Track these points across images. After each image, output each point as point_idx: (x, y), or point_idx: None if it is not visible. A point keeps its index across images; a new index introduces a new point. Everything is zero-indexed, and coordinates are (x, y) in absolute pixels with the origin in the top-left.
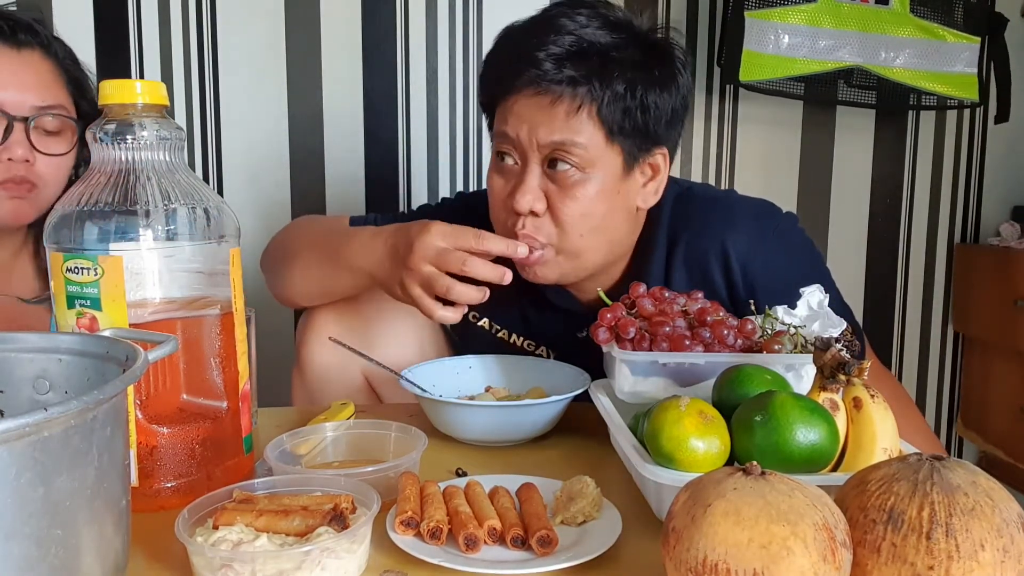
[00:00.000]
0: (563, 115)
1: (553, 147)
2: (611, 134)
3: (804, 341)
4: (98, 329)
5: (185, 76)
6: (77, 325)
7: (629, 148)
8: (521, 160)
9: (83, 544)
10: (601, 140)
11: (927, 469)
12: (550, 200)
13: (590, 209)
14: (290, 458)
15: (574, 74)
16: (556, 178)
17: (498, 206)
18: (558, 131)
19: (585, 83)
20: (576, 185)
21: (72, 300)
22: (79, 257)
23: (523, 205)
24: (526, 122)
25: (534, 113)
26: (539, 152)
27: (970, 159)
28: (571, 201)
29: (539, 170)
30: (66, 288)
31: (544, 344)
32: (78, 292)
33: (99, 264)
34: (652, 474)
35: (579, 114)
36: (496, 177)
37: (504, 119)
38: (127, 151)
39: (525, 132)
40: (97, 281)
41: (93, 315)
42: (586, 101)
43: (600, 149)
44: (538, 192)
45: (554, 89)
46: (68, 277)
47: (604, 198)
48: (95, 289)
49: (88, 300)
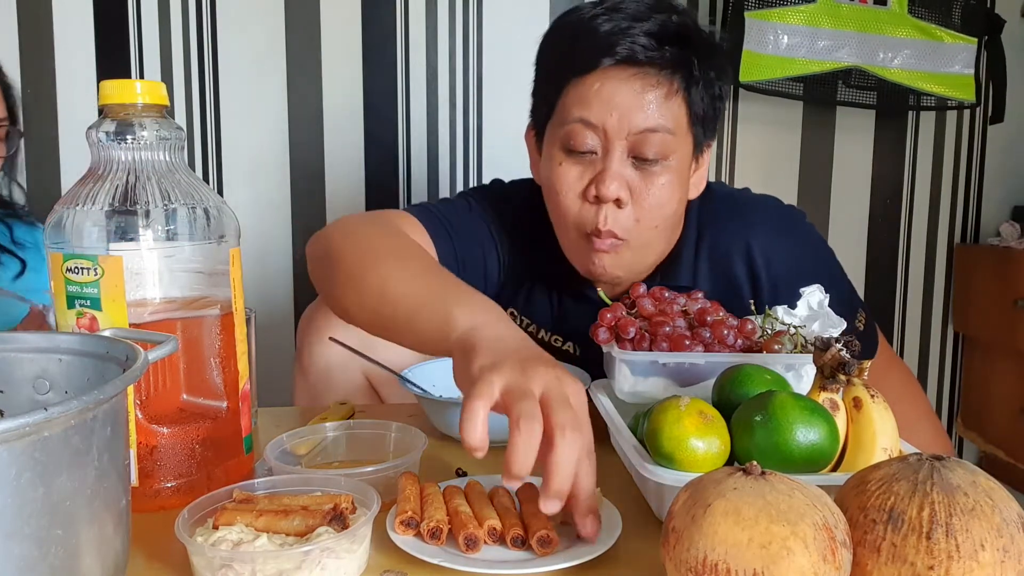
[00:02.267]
0: (660, 99)
1: (644, 134)
2: (692, 121)
3: (804, 341)
4: (98, 329)
5: (185, 76)
6: (77, 325)
7: (698, 137)
8: (603, 148)
9: (83, 544)
10: (684, 127)
11: (927, 469)
12: (632, 189)
13: (667, 199)
14: (290, 458)
15: (674, 53)
16: (640, 166)
17: (571, 200)
18: (652, 117)
19: (684, 66)
20: (659, 174)
21: (72, 300)
22: (79, 257)
23: (611, 191)
24: (615, 107)
25: (626, 96)
26: (627, 139)
27: (970, 159)
28: (654, 190)
29: (624, 157)
30: (66, 288)
31: (572, 339)
32: (78, 292)
33: (99, 264)
34: (652, 474)
35: (675, 98)
36: (571, 167)
37: (584, 104)
38: (127, 151)
39: (615, 118)
40: (97, 281)
41: (93, 315)
42: (682, 85)
43: (683, 135)
44: (623, 180)
45: (650, 70)
46: (68, 277)
47: (678, 188)
48: (95, 289)
49: (88, 300)
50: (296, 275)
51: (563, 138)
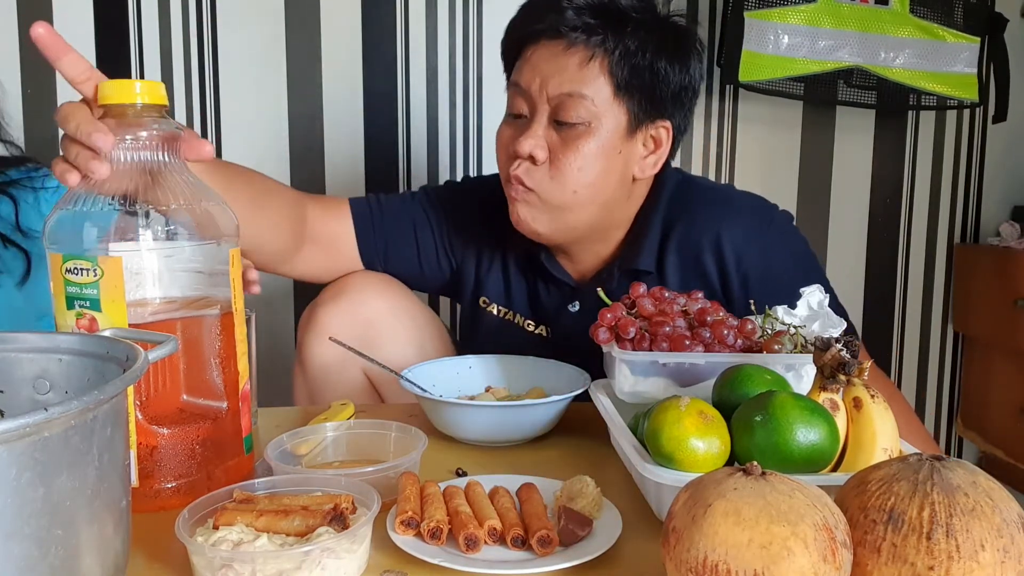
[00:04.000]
0: (575, 65)
1: (561, 98)
2: (618, 90)
3: (804, 341)
4: (98, 330)
5: (185, 76)
6: (76, 326)
7: (635, 110)
8: (530, 111)
9: (83, 544)
10: (608, 95)
11: (927, 469)
12: (552, 151)
13: (588, 163)
14: (290, 458)
15: (592, 22)
16: (561, 130)
17: (503, 155)
18: (568, 82)
19: (600, 32)
20: (579, 137)
21: (72, 301)
22: (78, 258)
23: (525, 148)
24: (539, 73)
25: (548, 62)
26: (548, 104)
27: (970, 159)
28: (572, 153)
29: (546, 121)
30: (65, 289)
31: (543, 322)
32: (77, 293)
33: (99, 265)
34: (652, 474)
35: (591, 64)
36: (505, 129)
37: (520, 71)
38: (126, 151)
39: (537, 83)
40: (96, 282)
41: (93, 316)
42: (598, 52)
43: (607, 104)
44: (542, 141)
45: (571, 36)
46: (68, 278)
47: (603, 155)
48: (95, 290)
49: (88, 301)
50: None
51: (507, 105)
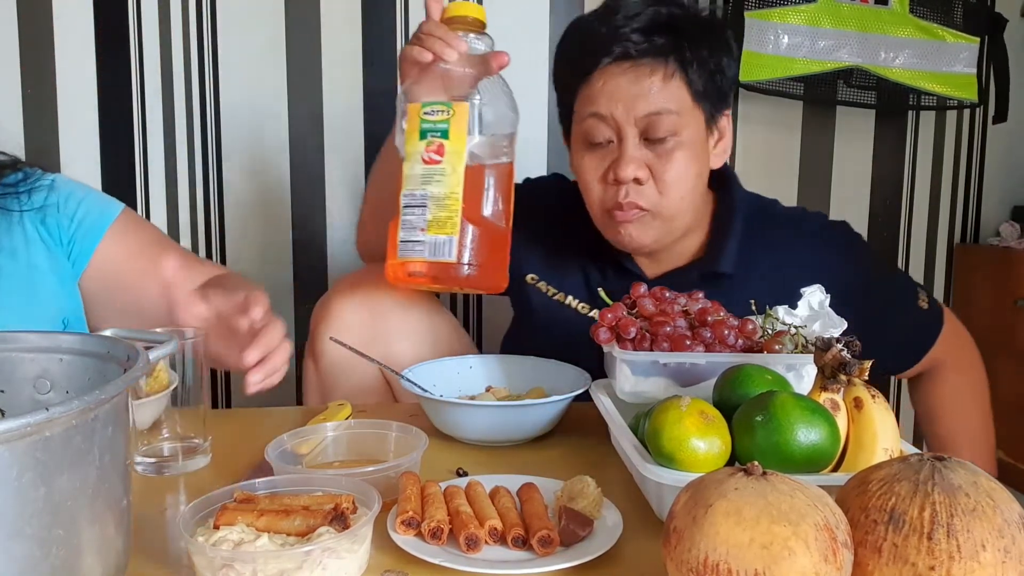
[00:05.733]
0: (658, 85)
1: (650, 118)
2: (696, 98)
3: (805, 341)
4: (443, 155)
5: (185, 76)
6: (426, 151)
7: (709, 110)
8: (617, 136)
9: (84, 544)
10: (689, 103)
11: (928, 469)
12: (651, 168)
13: (686, 171)
14: (291, 458)
15: (660, 41)
16: (654, 147)
17: (594, 184)
18: (654, 102)
19: (675, 51)
20: (674, 150)
21: (424, 133)
22: (435, 104)
23: (628, 173)
24: (620, 99)
25: (628, 87)
26: (636, 126)
27: (970, 159)
28: (670, 165)
29: (637, 141)
30: (420, 126)
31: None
32: (431, 127)
33: (452, 107)
34: (653, 474)
35: (672, 81)
36: (588, 158)
37: (593, 101)
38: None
39: (621, 108)
40: (448, 120)
41: (441, 143)
42: (677, 68)
43: (689, 112)
44: (640, 162)
45: (645, 61)
46: (424, 117)
47: (695, 159)
48: (446, 125)
49: (439, 132)
50: (296, 274)
51: (582, 134)
